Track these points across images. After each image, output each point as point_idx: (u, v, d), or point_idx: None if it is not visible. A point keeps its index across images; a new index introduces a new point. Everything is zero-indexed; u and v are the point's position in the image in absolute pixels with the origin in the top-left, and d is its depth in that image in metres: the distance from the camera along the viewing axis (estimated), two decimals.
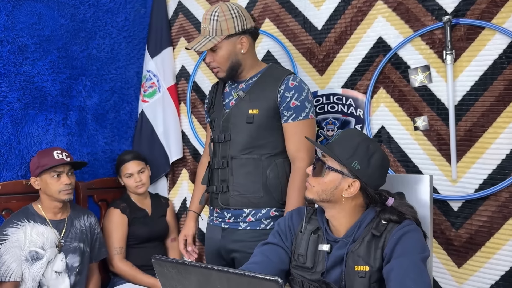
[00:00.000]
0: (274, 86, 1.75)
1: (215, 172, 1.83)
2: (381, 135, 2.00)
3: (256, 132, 1.75)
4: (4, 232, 1.82)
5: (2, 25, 1.96)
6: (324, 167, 1.36)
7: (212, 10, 1.74)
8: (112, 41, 2.47)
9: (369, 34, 2.03)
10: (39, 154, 1.94)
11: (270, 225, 1.78)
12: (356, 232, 1.37)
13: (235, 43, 1.76)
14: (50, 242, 1.89)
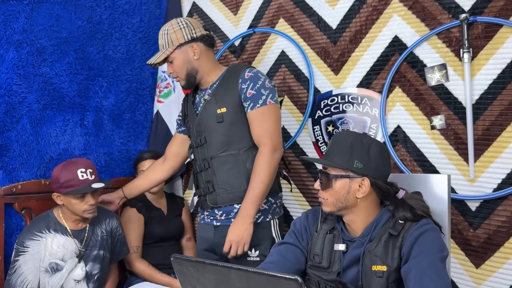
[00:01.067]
0: (235, 82, 1.84)
1: (199, 176, 1.91)
2: (397, 134, 1.99)
3: (228, 129, 1.82)
4: (25, 244, 1.78)
5: (21, 28, 1.99)
6: (329, 178, 1.36)
7: (164, 26, 1.89)
8: (127, 42, 2.49)
9: (384, 33, 2.02)
10: (63, 170, 1.81)
11: (260, 219, 1.82)
12: (372, 232, 1.36)
13: (187, 51, 1.86)
14: (70, 252, 1.85)
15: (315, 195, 2.21)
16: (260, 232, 1.82)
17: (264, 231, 1.83)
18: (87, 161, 1.88)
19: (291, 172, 2.29)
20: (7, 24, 1.94)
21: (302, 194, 2.26)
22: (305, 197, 2.26)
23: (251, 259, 1.81)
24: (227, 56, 2.52)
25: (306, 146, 2.25)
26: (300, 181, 2.27)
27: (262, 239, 1.82)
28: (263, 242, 1.82)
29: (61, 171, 1.81)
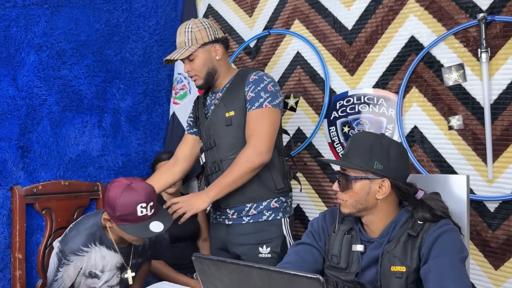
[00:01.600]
0: (241, 86, 1.86)
1: (210, 178, 1.93)
2: (414, 135, 1.98)
3: (237, 132, 1.84)
4: (69, 258, 1.66)
5: (41, 31, 2.03)
6: (348, 179, 1.37)
7: (186, 24, 1.89)
8: (144, 44, 2.52)
9: (400, 33, 2.01)
10: (122, 199, 1.58)
11: (271, 216, 1.85)
12: (391, 233, 1.36)
13: (210, 51, 1.88)
14: (110, 265, 1.75)
15: (331, 195, 2.22)
16: (271, 229, 1.85)
17: (275, 228, 1.86)
18: (149, 189, 1.63)
19: (307, 173, 2.30)
20: (28, 28, 1.99)
21: (318, 195, 2.26)
22: (320, 197, 2.26)
23: (262, 256, 1.83)
24: (242, 57, 2.54)
25: (321, 147, 2.25)
26: (315, 182, 2.27)
27: (273, 236, 1.84)
28: (274, 239, 1.84)
29: (120, 199, 1.58)
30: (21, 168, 1.96)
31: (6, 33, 1.92)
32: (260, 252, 1.82)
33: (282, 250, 1.84)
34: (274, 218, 1.85)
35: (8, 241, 1.90)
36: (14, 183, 1.94)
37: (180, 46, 1.88)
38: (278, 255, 1.84)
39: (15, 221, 1.90)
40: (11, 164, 1.92)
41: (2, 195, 1.89)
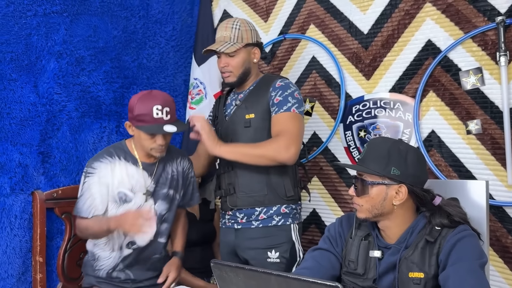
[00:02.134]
0: (266, 90, 1.88)
1: (222, 177, 1.96)
2: (431, 139, 1.96)
3: (254, 134, 1.86)
4: (93, 165, 1.75)
5: (61, 39, 2.08)
6: (365, 184, 1.36)
7: (233, 21, 1.92)
8: (161, 50, 2.55)
9: (417, 37, 2.00)
10: (139, 101, 1.70)
11: (281, 221, 1.86)
12: (408, 239, 1.35)
13: (250, 53, 1.93)
14: (139, 186, 1.77)
15: (347, 200, 2.21)
16: (281, 234, 1.86)
17: (284, 233, 1.86)
18: (167, 97, 1.74)
19: (323, 177, 2.29)
20: (48, 36, 2.03)
21: (334, 200, 2.26)
22: (336, 202, 2.25)
23: (271, 261, 1.84)
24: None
25: (337, 151, 2.25)
26: (331, 186, 2.27)
27: (282, 241, 1.85)
28: (283, 244, 1.85)
29: (137, 102, 1.70)
30: (42, 173, 2.00)
31: (28, 41, 1.96)
32: (268, 256, 1.83)
33: (291, 256, 1.85)
34: (284, 223, 1.86)
35: (29, 244, 1.94)
36: (35, 188, 1.98)
37: (223, 39, 1.89)
38: (287, 260, 1.84)
39: (36, 225, 1.94)
40: (32, 169, 1.96)
41: (24, 199, 1.93)
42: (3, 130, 1.88)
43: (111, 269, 1.81)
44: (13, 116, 1.91)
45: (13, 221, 1.89)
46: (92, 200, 1.73)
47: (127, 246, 1.81)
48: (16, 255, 1.90)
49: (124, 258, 1.82)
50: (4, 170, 1.87)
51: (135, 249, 1.81)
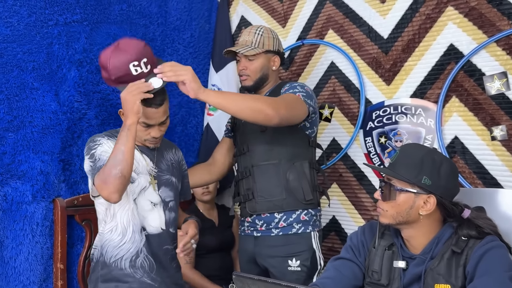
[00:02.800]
0: (278, 93, 1.88)
1: (240, 183, 1.96)
2: (455, 145, 1.92)
3: (270, 138, 1.86)
4: (95, 139, 1.66)
5: (81, 47, 2.09)
6: (393, 189, 1.33)
7: (257, 27, 1.97)
8: (179, 57, 2.56)
9: (439, 42, 1.97)
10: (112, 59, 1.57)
11: (301, 229, 1.84)
12: (434, 249, 1.32)
13: (270, 60, 1.95)
14: (142, 167, 1.71)
15: (367, 207, 2.18)
16: (301, 242, 1.84)
17: (304, 241, 1.85)
18: (139, 47, 1.60)
19: (342, 184, 2.26)
20: (69, 44, 2.05)
21: (354, 207, 2.23)
22: (357, 209, 2.22)
23: (292, 269, 1.82)
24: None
25: (357, 158, 2.22)
26: (351, 193, 2.24)
27: (303, 249, 1.83)
28: (303, 252, 1.83)
29: (110, 63, 1.56)
30: (63, 180, 2.02)
31: (49, 50, 1.99)
32: (289, 265, 1.81)
33: (312, 264, 1.83)
34: (304, 231, 1.85)
35: (51, 251, 1.96)
36: (56, 195, 1.99)
37: (245, 43, 1.94)
38: (308, 269, 1.82)
39: (57, 232, 1.96)
40: (53, 177, 1.98)
41: (45, 207, 1.95)
42: (25, 139, 1.90)
43: (134, 255, 1.67)
44: (35, 124, 1.93)
45: (34, 228, 1.91)
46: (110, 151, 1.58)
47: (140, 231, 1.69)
48: (38, 262, 1.91)
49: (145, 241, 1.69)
50: (26, 178, 1.89)
51: (146, 236, 1.70)
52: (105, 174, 1.51)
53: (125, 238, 1.68)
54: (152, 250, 1.70)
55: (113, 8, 2.24)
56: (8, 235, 1.84)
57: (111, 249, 1.68)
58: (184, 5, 2.58)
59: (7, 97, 1.85)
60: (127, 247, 1.68)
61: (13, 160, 1.86)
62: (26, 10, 1.92)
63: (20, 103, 1.89)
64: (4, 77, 1.84)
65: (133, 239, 1.68)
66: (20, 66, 1.89)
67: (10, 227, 1.84)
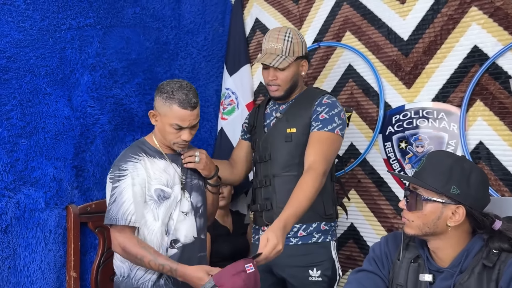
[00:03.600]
0: (309, 105, 1.81)
1: (258, 191, 1.89)
2: (479, 151, 1.85)
3: (295, 150, 1.80)
4: (122, 167, 1.65)
5: (94, 52, 2.06)
6: (419, 199, 1.27)
7: (285, 32, 1.82)
8: (192, 61, 2.52)
9: (462, 43, 1.90)
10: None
11: (321, 239, 1.80)
12: (463, 262, 1.25)
13: (299, 65, 1.85)
14: (174, 179, 1.72)
15: (387, 214, 2.11)
16: (321, 251, 1.80)
17: (324, 251, 1.80)
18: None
19: (361, 190, 2.20)
20: (82, 49, 2.02)
21: (373, 214, 2.16)
22: (376, 216, 2.15)
23: (313, 279, 1.77)
24: None
25: (376, 163, 2.15)
26: (370, 200, 2.17)
27: (323, 259, 1.79)
28: (323, 262, 1.78)
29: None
30: (76, 187, 1.98)
31: (62, 54, 1.96)
32: (310, 275, 1.77)
33: (332, 273, 1.79)
34: (324, 240, 1.80)
35: (63, 259, 1.92)
36: (69, 202, 1.96)
37: (274, 52, 1.81)
38: (329, 278, 1.78)
39: (70, 240, 1.92)
40: (66, 183, 1.95)
41: (58, 214, 1.91)
42: (38, 145, 1.87)
43: (159, 275, 1.68)
44: (47, 130, 1.90)
45: (47, 235, 1.88)
46: (128, 205, 1.62)
47: (170, 246, 1.70)
48: (51, 270, 1.88)
49: None
50: (39, 185, 1.86)
51: (179, 248, 1.71)
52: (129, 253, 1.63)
53: None
54: (186, 260, 1.69)
55: (126, 11, 2.21)
56: (21, 243, 1.81)
57: (141, 273, 1.68)
58: (198, 7, 2.54)
59: (20, 103, 1.82)
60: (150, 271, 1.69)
61: (26, 166, 1.83)
62: (39, 14, 1.89)
63: (33, 109, 1.86)
64: (17, 83, 1.82)
65: None
66: (33, 71, 1.87)
67: (23, 235, 1.81)
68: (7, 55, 1.79)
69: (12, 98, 1.80)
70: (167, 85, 1.70)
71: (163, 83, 1.72)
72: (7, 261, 1.76)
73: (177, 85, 1.68)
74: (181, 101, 1.64)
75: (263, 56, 1.83)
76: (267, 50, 1.83)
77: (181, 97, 1.65)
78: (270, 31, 1.86)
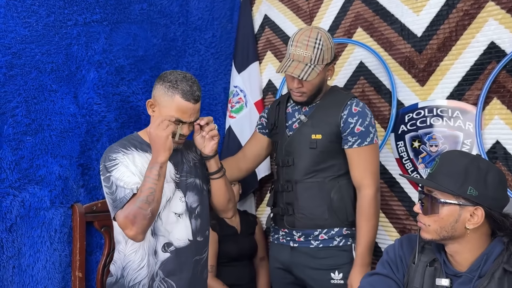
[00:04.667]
0: (336, 111, 1.77)
1: (279, 195, 1.86)
2: (496, 151, 1.79)
3: (319, 156, 1.77)
4: (111, 157, 1.57)
5: (101, 48, 2.03)
6: (435, 202, 1.22)
7: (315, 37, 1.71)
8: (200, 58, 2.48)
9: (478, 39, 1.84)
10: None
11: (342, 242, 1.79)
12: (482, 266, 1.20)
13: (326, 71, 1.78)
14: (167, 175, 1.59)
15: (400, 216, 2.05)
16: (342, 254, 1.78)
17: (346, 254, 1.78)
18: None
19: None
20: (88, 45, 1.99)
21: (385, 215, 2.10)
22: (388, 218, 2.09)
23: (335, 282, 1.75)
24: None
25: (388, 163, 2.09)
26: (382, 201, 2.09)
27: (345, 262, 1.77)
28: (345, 265, 1.76)
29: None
30: (81, 185, 1.95)
31: (68, 51, 1.92)
32: (332, 278, 1.75)
33: None
34: (345, 243, 1.78)
35: (69, 259, 1.89)
36: (75, 201, 1.93)
37: (302, 60, 1.70)
38: None
39: (76, 239, 1.89)
40: (72, 182, 1.92)
41: (64, 213, 1.88)
42: (44, 142, 1.83)
43: (150, 279, 1.60)
44: (53, 127, 1.87)
45: (53, 235, 1.85)
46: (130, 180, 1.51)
47: (163, 249, 1.62)
48: (56, 270, 1.85)
49: (163, 264, 1.62)
50: (44, 183, 1.83)
51: (173, 252, 1.63)
52: (133, 213, 1.47)
53: (144, 262, 1.62)
54: (180, 265, 1.63)
55: (133, 7, 2.17)
56: (26, 242, 1.78)
57: (132, 272, 1.62)
58: (206, 4, 2.50)
59: (25, 100, 1.79)
60: (145, 272, 1.62)
61: (31, 164, 1.80)
62: (45, 10, 1.86)
63: (39, 106, 1.83)
64: (23, 79, 1.79)
65: (149, 262, 1.62)
66: (39, 67, 1.84)
67: (28, 234, 1.78)
68: (12, 51, 1.76)
69: (17, 95, 1.77)
70: (170, 74, 1.61)
71: (166, 72, 1.63)
72: (11, 260, 1.73)
73: (181, 75, 1.60)
74: (185, 92, 1.56)
75: (290, 63, 1.71)
76: (294, 56, 1.71)
77: (185, 88, 1.57)
78: (299, 34, 1.73)
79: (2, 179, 1.71)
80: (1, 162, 1.71)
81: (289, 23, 2.49)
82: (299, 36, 1.73)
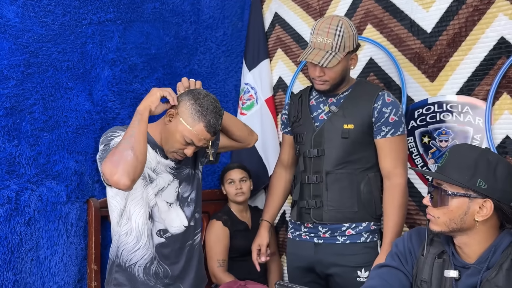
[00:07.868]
0: (368, 101, 1.76)
1: (306, 187, 1.82)
2: (506, 145, 1.80)
3: (351, 147, 1.76)
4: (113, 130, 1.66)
5: (115, 46, 2.08)
6: (444, 194, 1.23)
7: (336, 24, 1.69)
8: (211, 56, 2.51)
9: (488, 35, 1.84)
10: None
11: (369, 238, 1.77)
12: (491, 258, 1.22)
13: (348, 60, 1.76)
14: (163, 167, 1.68)
15: (410, 211, 2.06)
16: (369, 252, 1.76)
17: (372, 251, 1.77)
18: None
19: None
20: (102, 44, 2.03)
21: None
22: None
23: (361, 280, 1.74)
24: None
25: None
26: None
27: (371, 259, 1.74)
28: (371, 262, 1.72)
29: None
30: (96, 181, 2.00)
31: (83, 49, 1.97)
32: (358, 275, 1.74)
33: None
34: (371, 240, 1.77)
35: (85, 252, 1.95)
36: (90, 196, 1.98)
37: (323, 47, 1.68)
38: None
39: (91, 233, 1.94)
40: (87, 177, 1.97)
41: (79, 207, 1.93)
42: (60, 139, 1.89)
43: (149, 262, 1.67)
44: (69, 124, 1.92)
45: (69, 229, 1.90)
46: None
47: (157, 234, 1.69)
48: (72, 263, 1.91)
49: (159, 247, 1.69)
50: (61, 178, 1.88)
51: (168, 238, 1.70)
52: (115, 156, 1.44)
53: (139, 244, 1.67)
54: (176, 251, 1.70)
55: (146, 6, 2.21)
56: (43, 235, 1.83)
57: (126, 253, 1.68)
58: (217, 2, 2.53)
59: (42, 97, 1.85)
60: (141, 253, 1.67)
61: (48, 160, 1.85)
62: (60, 9, 1.91)
63: (55, 103, 1.88)
64: (39, 77, 1.84)
65: (148, 245, 1.68)
66: (55, 65, 1.89)
67: (45, 227, 1.84)
68: (29, 50, 1.82)
69: (35, 92, 1.83)
70: (204, 98, 1.62)
71: (201, 93, 1.63)
72: (30, 253, 1.79)
73: (213, 105, 1.62)
74: (210, 124, 1.59)
75: (311, 51, 1.70)
76: (315, 44, 1.70)
77: (212, 120, 1.59)
78: (320, 22, 1.72)
79: (20, 174, 1.77)
80: (20, 158, 1.77)
81: (299, 21, 2.51)
82: (320, 24, 1.71)
